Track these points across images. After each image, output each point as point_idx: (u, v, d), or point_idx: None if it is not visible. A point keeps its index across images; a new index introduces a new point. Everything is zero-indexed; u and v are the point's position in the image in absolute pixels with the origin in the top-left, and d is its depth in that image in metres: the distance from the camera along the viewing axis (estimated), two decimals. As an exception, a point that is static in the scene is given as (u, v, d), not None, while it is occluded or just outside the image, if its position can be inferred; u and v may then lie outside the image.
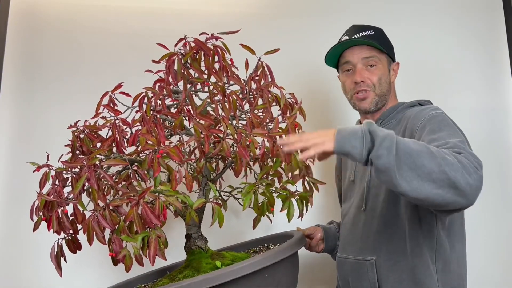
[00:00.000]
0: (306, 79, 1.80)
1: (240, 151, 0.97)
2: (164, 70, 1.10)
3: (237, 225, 1.63)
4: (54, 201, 0.98)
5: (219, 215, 1.06)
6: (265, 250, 1.24)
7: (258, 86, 1.08)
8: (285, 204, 1.11)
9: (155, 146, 0.94)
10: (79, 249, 1.05)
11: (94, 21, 1.74)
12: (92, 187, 0.92)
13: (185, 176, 0.95)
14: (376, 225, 1.23)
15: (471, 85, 1.87)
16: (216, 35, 1.08)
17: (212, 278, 0.92)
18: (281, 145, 0.99)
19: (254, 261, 0.96)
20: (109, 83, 1.66)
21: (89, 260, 1.57)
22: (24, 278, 1.59)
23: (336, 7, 1.88)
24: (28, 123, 1.68)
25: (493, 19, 1.94)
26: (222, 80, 1.04)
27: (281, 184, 1.18)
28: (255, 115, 1.03)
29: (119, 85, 1.11)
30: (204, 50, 1.02)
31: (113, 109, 1.06)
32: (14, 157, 1.66)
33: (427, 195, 0.94)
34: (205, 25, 1.74)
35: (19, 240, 1.60)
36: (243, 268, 0.94)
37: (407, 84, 1.43)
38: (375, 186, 1.26)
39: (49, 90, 1.70)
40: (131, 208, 0.92)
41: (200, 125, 0.97)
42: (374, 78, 1.32)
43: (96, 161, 0.95)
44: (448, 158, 0.95)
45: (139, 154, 1.14)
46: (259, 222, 1.26)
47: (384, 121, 1.33)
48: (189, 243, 1.16)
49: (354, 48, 1.33)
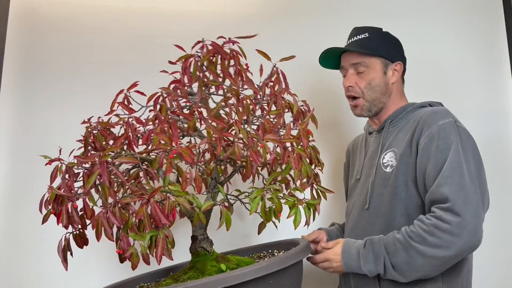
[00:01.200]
0: (310, 79, 1.80)
1: (251, 156, 0.97)
2: (180, 71, 1.10)
3: (241, 229, 1.63)
4: (64, 195, 0.99)
5: (227, 218, 1.06)
6: (269, 256, 1.24)
7: (272, 92, 1.08)
8: (292, 211, 1.11)
9: (168, 146, 0.94)
10: (86, 244, 1.05)
11: (94, 21, 1.74)
12: (104, 183, 0.93)
13: (196, 178, 0.96)
14: (379, 224, 1.26)
15: (470, 85, 1.87)
16: (233, 39, 1.08)
17: (217, 281, 0.92)
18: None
19: (260, 266, 0.96)
20: (109, 83, 1.70)
21: (93, 256, 1.57)
22: (26, 273, 1.59)
23: (336, 7, 1.88)
24: (28, 123, 1.67)
25: (493, 19, 1.95)
26: (238, 84, 1.04)
27: (289, 191, 1.18)
28: (268, 120, 1.03)
29: (134, 83, 1.12)
30: (221, 54, 1.03)
31: (127, 107, 1.06)
32: (14, 157, 1.64)
33: (441, 270, 1.15)
34: (205, 25, 1.78)
35: (20, 239, 1.59)
36: (248, 273, 0.94)
37: (406, 85, 1.44)
38: (379, 185, 1.28)
39: (49, 90, 1.68)
40: (141, 206, 0.93)
41: (213, 127, 0.98)
42: (362, 84, 1.35)
43: (109, 157, 0.96)
44: (434, 250, 1.10)
45: (149, 153, 1.15)
46: (265, 228, 1.27)
47: (393, 121, 1.35)
48: (194, 244, 1.17)
49: (346, 54, 1.38)
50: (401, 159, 1.24)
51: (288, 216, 1.14)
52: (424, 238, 1.11)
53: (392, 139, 1.32)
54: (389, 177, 1.26)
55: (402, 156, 1.24)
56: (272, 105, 1.07)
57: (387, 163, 1.29)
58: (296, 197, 1.15)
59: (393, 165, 1.27)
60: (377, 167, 1.31)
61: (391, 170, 1.26)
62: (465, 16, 1.93)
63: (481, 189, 1.15)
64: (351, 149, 1.55)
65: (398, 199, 1.23)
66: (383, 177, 1.28)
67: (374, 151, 1.37)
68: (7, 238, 1.60)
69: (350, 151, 1.56)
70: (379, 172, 1.30)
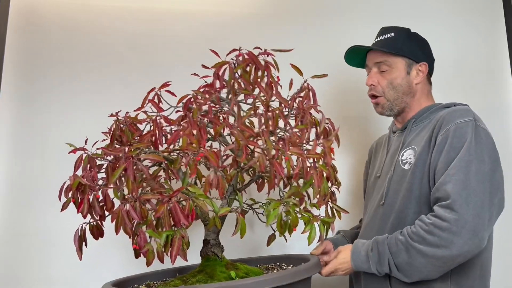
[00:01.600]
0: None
1: (276, 167, 0.98)
2: (212, 76, 1.12)
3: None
4: (87, 185, 1.00)
5: (242, 226, 1.07)
6: (277, 269, 1.24)
7: (301, 106, 1.10)
8: (307, 227, 1.12)
9: (196, 148, 0.95)
10: (102, 236, 1.06)
11: (94, 21, 1.73)
12: (129, 177, 0.94)
13: (219, 183, 0.97)
14: (391, 220, 1.26)
15: (470, 85, 1.87)
16: (269, 51, 1.10)
17: (228, 287, 0.92)
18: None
19: (271, 277, 0.97)
20: (109, 83, 1.71)
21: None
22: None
23: (336, 7, 1.89)
24: (28, 123, 1.65)
25: (493, 19, 1.95)
26: (269, 96, 1.06)
27: (305, 206, 1.19)
28: (295, 134, 1.04)
29: (166, 83, 1.14)
30: (256, 64, 1.05)
31: (157, 106, 1.08)
32: (14, 158, 1.62)
33: (444, 271, 1.15)
34: (205, 25, 1.79)
35: (21, 237, 1.59)
36: (259, 283, 0.94)
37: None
38: (396, 181, 1.29)
39: (49, 90, 1.67)
40: (162, 204, 0.94)
41: (241, 135, 0.99)
42: (384, 83, 1.36)
43: (136, 153, 0.97)
44: (434, 250, 1.10)
45: (170, 153, 1.16)
46: (274, 240, 1.27)
47: (416, 121, 1.35)
48: (205, 248, 1.17)
49: (371, 53, 1.40)
50: (420, 156, 1.24)
51: (303, 232, 1.14)
52: (424, 237, 1.11)
53: (414, 138, 1.32)
54: (406, 174, 1.26)
55: (421, 154, 1.24)
56: (300, 119, 1.08)
57: (405, 160, 1.29)
58: (312, 213, 1.16)
59: (411, 162, 1.27)
60: (396, 164, 1.32)
61: (409, 167, 1.27)
62: (465, 16, 1.92)
63: (492, 191, 1.13)
64: (374, 148, 1.57)
65: (412, 196, 1.23)
66: (400, 174, 1.28)
67: (396, 150, 1.37)
68: (13, 234, 1.60)
69: (373, 150, 1.57)
70: (397, 169, 1.30)
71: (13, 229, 1.59)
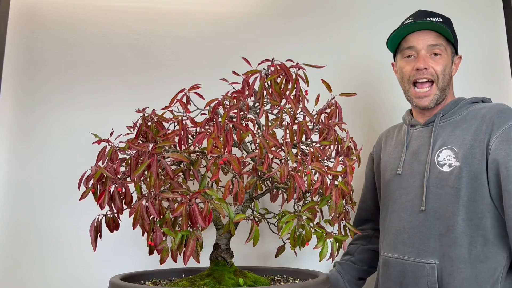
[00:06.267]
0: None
1: (297, 180, 0.99)
2: (241, 83, 1.13)
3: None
4: (108, 177, 1.01)
5: (256, 234, 1.07)
6: (284, 281, 1.24)
7: (326, 122, 1.10)
8: (320, 243, 1.12)
9: (221, 152, 0.96)
10: (117, 229, 1.07)
11: (94, 21, 1.73)
12: (152, 174, 0.95)
13: (240, 189, 0.97)
14: (437, 228, 1.19)
15: (470, 85, 1.84)
16: (301, 65, 1.11)
17: (237, 294, 0.92)
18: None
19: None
20: (108, 83, 1.70)
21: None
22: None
23: (335, 7, 1.88)
24: (28, 123, 1.65)
25: (493, 19, 1.93)
26: (297, 108, 1.07)
27: (318, 222, 1.19)
28: (318, 149, 1.05)
29: (196, 85, 1.15)
30: (288, 76, 1.06)
31: (185, 106, 1.09)
32: (13, 158, 1.62)
33: None
34: (205, 25, 1.77)
35: (21, 237, 1.59)
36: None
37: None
38: (435, 185, 1.21)
39: (49, 89, 1.68)
40: (181, 204, 0.94)
41: (266, 144, 1.00)
42: (439, 68, 1.25)
43: (161, 150, 0.98)
44: None
45: (190, 154, 1.17)
46: (283, 252, 1.27)
47: (445, 116, 1.27)
48: (215, 252, 1.17)
49: (420, 33, 1.26)
50: (465, 160, 1.17)
51: (315, 247, 1.14)
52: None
53: (447, 136, 1.24)
54: (447, 178, 1.19)
55: (466, 157, 1.17)
56: (325, 135, 1.09)
57: (443, 161, 1.21)
58: (325, 229, 1.16)
59: (451, 164, 1.19)
60: (431, 165, 1.23)
61: (449, 169, 1.19)
62: (465, 16, 1.90)
63: None
64: (383, 140, 1.46)
65: (460, 202, 1.15)
66: (439, 176, 1.21)
67: (421, 146, 1.28)
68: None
69: (382, 142, 1.46)
70: (434, 171, 1.22)
71: (13, 229, 1.59)
